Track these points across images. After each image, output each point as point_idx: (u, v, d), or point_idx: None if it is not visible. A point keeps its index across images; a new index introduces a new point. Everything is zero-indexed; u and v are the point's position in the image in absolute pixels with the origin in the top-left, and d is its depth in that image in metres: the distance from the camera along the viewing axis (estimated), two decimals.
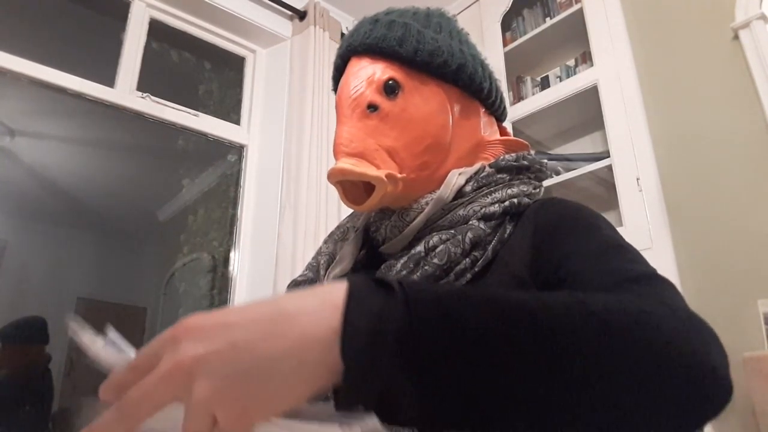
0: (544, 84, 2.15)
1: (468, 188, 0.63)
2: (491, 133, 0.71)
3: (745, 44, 1.67)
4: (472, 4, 2.43)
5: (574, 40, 2.08)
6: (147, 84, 2.00)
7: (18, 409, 2.00)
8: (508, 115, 1.93)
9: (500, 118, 0.75)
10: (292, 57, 2.28)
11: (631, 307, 0.36)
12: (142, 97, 1.99)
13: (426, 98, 0.63)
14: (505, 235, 0.60)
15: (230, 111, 2.35)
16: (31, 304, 2.57)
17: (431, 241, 0.58)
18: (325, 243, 0.74)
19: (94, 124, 2.70)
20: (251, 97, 2.33)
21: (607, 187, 1.92)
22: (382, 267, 0.61)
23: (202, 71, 2.48)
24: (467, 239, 0.57)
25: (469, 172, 0.64)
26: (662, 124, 1.81)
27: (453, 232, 0.59)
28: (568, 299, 0.36)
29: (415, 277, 0.57)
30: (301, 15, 2.31)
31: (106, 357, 0.34)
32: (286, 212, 1.95)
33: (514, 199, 0.61)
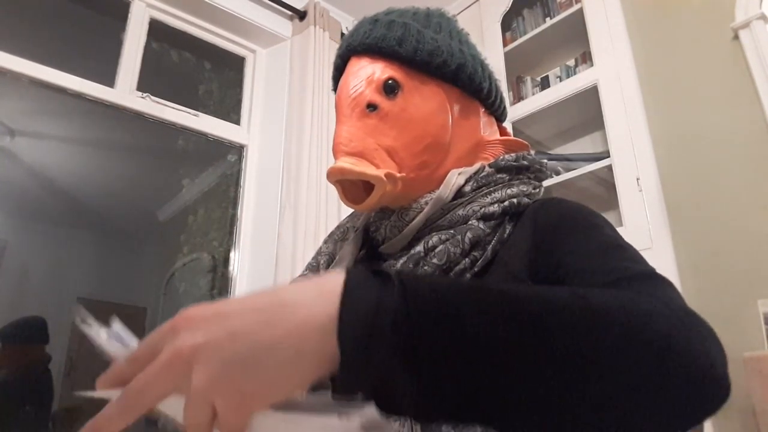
0: (544, 84, 2.15)
1: (467, 188, 0.63)
2: (491, 133, 0.71)
3: (745, 44, 1.67)
4: (472, 4, 2.43)
5: (574, 40, 2.08)
6: (147, 84, 2.00)
7: (18, 409, 2.00)
8: (508, 115, 1.92)
9: (500, 119, 0.75)
10: (292, 57, 2.28)
11: (631, 304, 0.36)
12: (142, 97, 1.99)
13: (425, 98, 0.63)
14: (505, 235, 0.60)
15: (230, 111, 2.35)
16: (31, 304, 2.57)
17: (431, 241, 0.58)
18: (325, 243, 0.74)
19: (94, 124, 2.70)
20: (251, 97, 2.33)
21: (607, 187, 1.92)
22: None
23: (202, 71, 2.48)
24: (467, 239, 0.57)
25: (468, 171, 0.64)
26: (662, 124, 1.81)
27: (452, 232, 0.59)
28: (568, 293, 0.36)
29: None
30: (301, 15, 2.31)
31: (109, 348, 0.34)
32: (286, 212, 1.95)
33: (514, 199, 0.61)
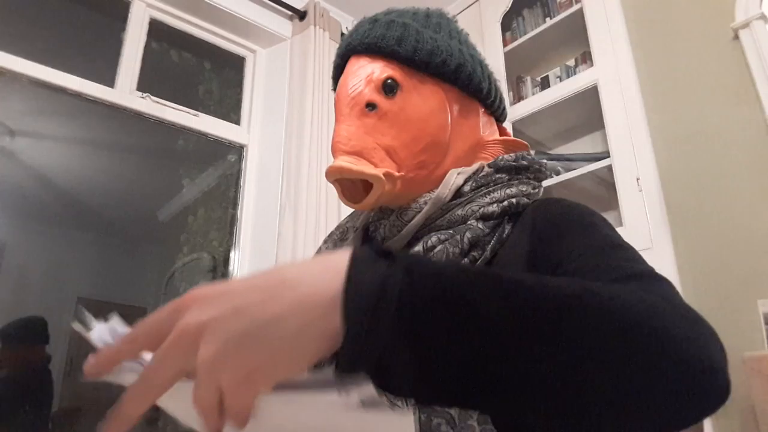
0: (544, 84, 2.15)
1: (466, 188, 0.63)
2: (490, 132, 0.71)
3: (745, 44, 1.67)
4: (472, 4, 2.43)
5: (574, 40, 2.08)
6: (147, 84, 2.00)
7: (18, 409, 2.00)
8: (508, 115, 1.93)
9: (500, 119, 0.75)
10: (292, 57, 2.28)
11: (632, 296, 0.36)
12: (142, 97, 1.99)
13: (425, 97, 0.63)
14: (504, 235, 0.60)
15: (230, 111, 2.35)
16: (31, 304, 2.56)
17: (430, 241, 0.58)
18: (325, 243, 0.74)
19: (94, 124, 2.70)
20: (251, 97, 2.33)
21: (607, 187, 1.92)
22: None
23: (202, 71, 2.48)
24: (466, 239, 0.57)
25: (467, 171, 0.64)
26: (662, 124, 1.81)
27: (451, 232, 0.59)
28: (572, 283, 0.36)
29: None
30: (301, 15, 2.31)
31: (97, 343, 0.35)
32: (286, 212, 1.95)
33: (513, 199, 0.61)
